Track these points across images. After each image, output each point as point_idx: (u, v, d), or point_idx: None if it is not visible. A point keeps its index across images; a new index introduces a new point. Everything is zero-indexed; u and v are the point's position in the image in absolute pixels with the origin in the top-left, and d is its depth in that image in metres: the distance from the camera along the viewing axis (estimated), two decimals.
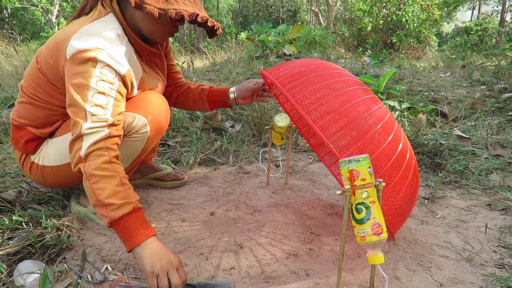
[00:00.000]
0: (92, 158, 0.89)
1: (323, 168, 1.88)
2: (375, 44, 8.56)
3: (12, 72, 3.20)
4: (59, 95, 1.07)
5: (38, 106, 1.10)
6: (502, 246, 1.19)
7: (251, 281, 0.96)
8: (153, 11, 0.95)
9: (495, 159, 1.96)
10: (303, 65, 1.11)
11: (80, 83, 0.93)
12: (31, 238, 1.01)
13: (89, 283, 0.92)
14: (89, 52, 0.93)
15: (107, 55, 0.95)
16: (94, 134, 0.91)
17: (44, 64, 1.04)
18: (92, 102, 0.92)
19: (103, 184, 0.87)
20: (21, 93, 1.12)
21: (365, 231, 0.78)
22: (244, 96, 1.34)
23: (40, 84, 1.07)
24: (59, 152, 1.11)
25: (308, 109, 0.96)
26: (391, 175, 0.96)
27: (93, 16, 1.02)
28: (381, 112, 1.05)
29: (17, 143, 1.15)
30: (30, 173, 1.18)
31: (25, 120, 1.12)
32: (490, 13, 19.67)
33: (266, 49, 4.77)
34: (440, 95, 3.22)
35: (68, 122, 1.11)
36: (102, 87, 0.94)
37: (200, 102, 1.39)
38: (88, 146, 0.89)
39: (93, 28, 0.98)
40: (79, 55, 0.93)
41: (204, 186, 1.60)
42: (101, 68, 0.94)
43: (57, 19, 15.61)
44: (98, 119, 0.92)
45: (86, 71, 0.93)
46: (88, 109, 0.91)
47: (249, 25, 17.72)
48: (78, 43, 0.94)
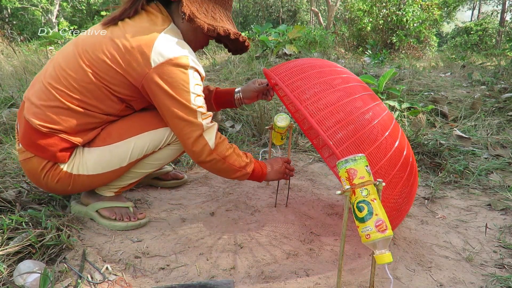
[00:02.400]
0: (220, 146, 1.11)
1: (323, 168, 1.88)
2: (375, 44, 8.56)
3: (12, 72, 3.20)
4: (109, 101, 1.06)
5: (79, 112, 1.04)
6: (502, 246, 1.19)
7: (251, 281, 0.96)
8: (203, 26, 1.04)
9: (495, 159, 1.96)
10: (304, 63, 1.13)
11: (181, 90, 1.01)
12: (31, 238, 1.01)
13: (89, 283, 0.92)
14: (180, 60, 1.00)
15: (193, 61, 1.03)
16: (211, 128, 1.09)
17: (102, 68, 1.00)
18: (196, 105, 1.04)
19: (235, 156, 1.15)
20: (52, 96, 1.02)
21: (368, 229, 0.78)
22: (250, 96, 1.37)
23: (90, 89, 1.02)
24: (101, 162, 1.10)
25: (306, 104, 0.98)
26: (387, 170, 0.96)
27: (156, 23, 1.03)
28: (379, 109, 1.06)
29: (45, 151, 1.05)
30: (56, 182, 1.09)
31: (59, 126, 1.03)
32: (490, 13, 19.67)
33: (266, 49, 4.77)
34: (440, 95, 3.22)
35: (111, 132, 1.10)
36: (198, 90, 1.05)
37: (207, 104, 1.40)
38: (214, 140, 1.09)
39: (169, 36, 1.02)
40: (171, 63, 0.99)
41: (204, 186, 1.60)
42: (193, 73, 1.04)
43: (57, 19, 15.61)
44: (207, 116, 1.08)
45: (183, 79, 1.01)
46: (197, 109, 1.05)
47: (249, 25, 17.71)
48: (164, 52, 0.99)
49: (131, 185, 1.24)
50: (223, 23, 1.09)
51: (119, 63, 1.00)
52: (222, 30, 1.07)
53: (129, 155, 1.11)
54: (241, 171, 1.17)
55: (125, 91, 1.05)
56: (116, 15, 1.05)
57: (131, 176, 1.20)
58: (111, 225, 1.18)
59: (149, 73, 0.99)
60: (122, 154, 1.10)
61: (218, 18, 1.08)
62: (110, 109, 1.08)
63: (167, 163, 1.27)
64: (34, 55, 4.00)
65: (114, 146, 1.10)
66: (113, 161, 1.11)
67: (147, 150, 1.14)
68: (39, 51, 4.43)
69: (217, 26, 1.06)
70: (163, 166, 1.52)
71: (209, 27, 1.05)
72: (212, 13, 1.07)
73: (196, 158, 1.10)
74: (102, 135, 1.11)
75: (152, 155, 1.17)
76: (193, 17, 1.02)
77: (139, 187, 1.53)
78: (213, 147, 1.09)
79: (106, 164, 1.11)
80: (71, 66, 1.02)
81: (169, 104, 1.03)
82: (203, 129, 1.06)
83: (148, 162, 1.18)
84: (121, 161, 1.11)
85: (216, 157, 1.10)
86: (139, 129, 1.11)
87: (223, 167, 1.13)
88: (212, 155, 1.09)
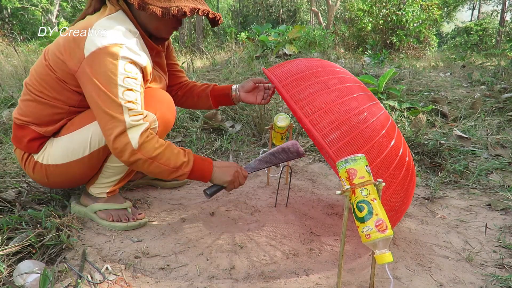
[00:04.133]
0: (145, 145, 1.00)
1: (323, 168, 1.88)
2: (375, 44, 8.57)
3: (12, 72, 3.20)
4: (67, 92, 1.07)
5: (43, 103, 1.09)
6: (502, 246, 1.19)
7: (251, 281, 0.96)
8: (156, 11, 0.99)
9: (495, 159, 1.96)
10: (302, 63, 1.14)
11: (107, 82, 0.96)
12: (31, 238, 1.01)
13: (89, 283, 0.92)
14: (111, 48, 0.96)
15: (127, 49, 0.99)
16: (138, 127, 1.00)
17: (53, 61, 1.04)
18: (124, 99, 0.98)
19: (167, 155, 1.04)
20: (25, 91, 1.11)
21: (369, 229, 0.78)
22: (247, 88, 1.33)
23: (47, 80, 1.06)
24: (65, 150, 1.11)
25: (301, 104, 0.99)
26: (380, 170, 0.96)
27: (104, 13, 1.03)
28: (375, 109, 1.07)
29: (20, 142, 1.13)
30: (33, 173, 1.16)
31: (28, 118, 1.11)
32: (490, 13, 19.67)
33: (266, 49, 4.77)
34: (440, 95, 3.22)
35: (74, 120, 1.12)
36: (129, 83, 0.99)
37: (204, 98, 1.41)
38: (138, 138, 0.99)
39: (106, 23, 0.99)
40: (100, 53, 0.95)
41: (204, 186, 1.60)
42: (124, 65, 0.98)
43: (57, 19, 15.61)
44: (135, 113, 0.99)
45: (111, 70, 0.96)
46: (124, 104, 0.97)
47: (249, 25, 17.71)
48: (96, 40, 0.96)
49: (120, 183, 1.22)
50: (179, 1, 1.02)
51: (63, 53, 1.01)
52: (176, 10, 1.00)
53: (89, 142, 1.09)
54: (177, 172, 1.06)
55: (72, 82, 1.05)
56: (79, 17, 1.10)
57: (112, 171, 1.18)
58: (111, 226, 1.18)
59: (82, 63, 0.98)
60: (82, 142, 1.09)
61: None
62: (70, 100, 1.09)
63: None
64: (34, 55, 4.00)
65: (75, 133, 1.10)
66: (76, 150, 1.10)
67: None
68: (39, 51, 4.43)
69: (170, 7, 1.00)
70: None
71: (163, 10, 0.99)
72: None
73: (119, 158, 1.02)
74: (67, 124, 1.12)
75: None
76: (143, 4, 0.99)
77: (139, 187, 1.53)
78: (136, 147, 0.99)
79: (71, 153, 1.10)
80: (38, 64, 1.09)
81: (95, 95, 0.97)
82: (125, 126, 0.98)
83: None
84: (83, 149, 1.10)
85: (141, 157, 1.00)
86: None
87: (151, 168, 1.03)
88: (135, 155, 1.00)
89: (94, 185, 1.21)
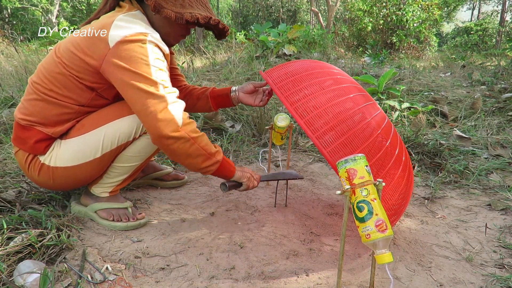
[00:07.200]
0: (189, 125, 1.01)
1: (323, 168, 1.88)
2: (375, 44, 8.57)
3: (12, 72, 3.20)
4: (79, 90, 1.07)
5: (51, 102, 1.07)
6: (502, 246, 1.19)
7: (251, 281, 0.96)
8: (170, 14, 1.02)
9: (495, 159, 1.96)
10: (299, 65, 1.15)
11: (140, 63, 0.97)
12: (31, 238, 1.01)
13: (89, 283, 0.92)
14: (137, 36, 0.98)
15: (152, 37, 1.02)
16: (178, 103, 1.01)
17: (68, 57, 1.03)
18: (158, 77, 0.99)
19: (206, 140, 1.05)
20: (31, 90, 1.08)
21: (369, 229, 0.78)
22: (246, 90, 1.35)
23: (58, 78, 1.05)
24: (75, 153, 1.10)
25: (296, 105, 1.00)
26: (377, 170, 0.97)
27: (122, 11, 1.05)
28: (371, 109, 1.07)
29: (24, 143, 1.10)
30: (38, 175, 1.12)
31: (34, 118, 1.08)
32: (490, 13, 19.68)
33: (266, 49, 4.76)
34: (440, 95, 3.22)
35: (84, 122, 1.11)
36: (159, 64, 1.01)
37: (204, 99, 1.42)
38: (182, 115, 1.00)
39: (128, 18, 1.02)
40: (127, 41, 0.97)
41: (204, 186, 1.60)
42: (152, 48, 1.00)
43: (57, 19, 15.62)
44: (171, 91, 1.01)
45: (141, 52, 0.98)
46: (160, 82, 0.99)
47: (249, 25, 17.71)
48: (121, 31, 0.98)
49: (124, 183, 1.22)
50: (192, 9, 1.06)
51: (82, 49, 1.01)
52: (190, 16, 1.04)
53: (101, 144, 1.09)
54: (211, 159, 1.06)
55: (90, 78, 1.05)
56: (93, 16, 1.11)
57: (118, 172, 1.18)
58: (111, 226, 1.18)
59: (108, 55, 0.98)
60: (94, 144, 1.09)
61: (187, 4, 1.06)
62: (81, 98, 1.08)
63: (151, 157, 1.21)
64: (34, 55, 4.00)
65: (87, 135, 1.09)
66: (87, 152, 1.09)
67: (119, 139, 1.10)
68: (39, 51, 4.42)
69: (184, 12, 1.04)
70: (150, 161, 1.54)
71: (177, 15, 1.03)
72: (181, 0, 1.06)
73: (160, 132, 0.96)
74: (77, 126, 1.11)
75: (130, 147, 1.14)
76: (159, 7, 1.02)
77: (139, 187, 1.53)
78: (180, 124, 0.98)
79: (81, 155, 1.10)
80: (47, 61, 1.08)
81: (128, 78, 0.97)
82: (167, 102, 0.98)
83: (127, 154, 1.15)
84: (95, 151, 1.10)
85: (184, 136, 0.99)
86: (109, 118, 1.10)
87: (190, 150, 1.01)
88: (179, 132, 0.98)
89: (97, 185, 1.21)
